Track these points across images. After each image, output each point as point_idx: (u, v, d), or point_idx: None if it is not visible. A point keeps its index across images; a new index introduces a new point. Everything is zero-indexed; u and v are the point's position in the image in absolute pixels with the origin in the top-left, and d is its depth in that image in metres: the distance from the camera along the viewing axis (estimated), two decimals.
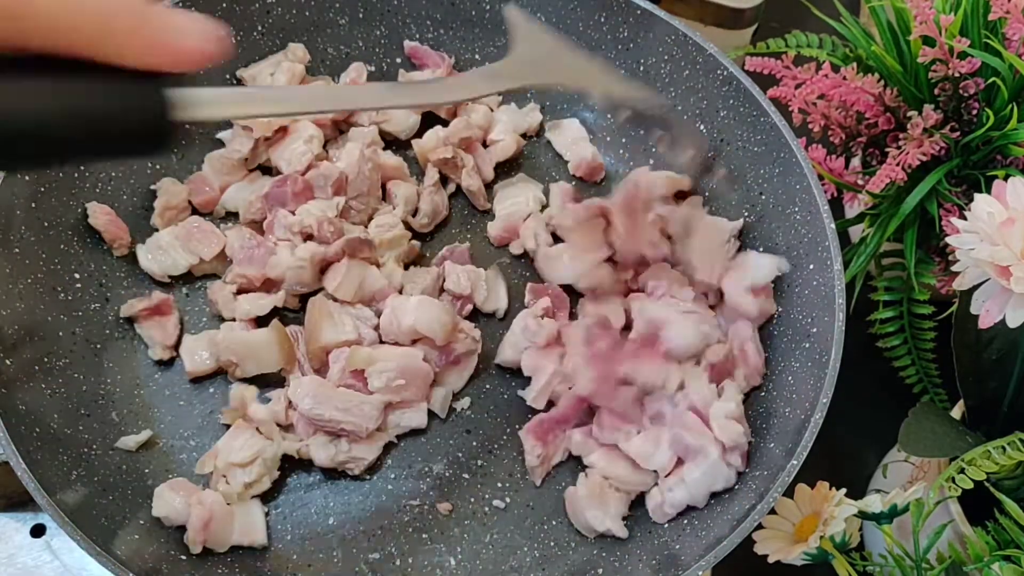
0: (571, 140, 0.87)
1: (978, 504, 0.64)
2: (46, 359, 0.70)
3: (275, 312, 0.75)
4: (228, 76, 0.83)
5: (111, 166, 0.77)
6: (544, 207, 0.83)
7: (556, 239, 0.80)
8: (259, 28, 0.83)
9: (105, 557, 0.59)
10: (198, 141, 0.82)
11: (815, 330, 0.70)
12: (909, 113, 0.73)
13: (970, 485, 0.58)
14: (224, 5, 0.80)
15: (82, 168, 0.75)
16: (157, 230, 0.78)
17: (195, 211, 0.80)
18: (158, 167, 0.80)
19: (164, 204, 0.78)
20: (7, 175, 0.69)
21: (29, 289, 0.70)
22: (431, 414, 0.74)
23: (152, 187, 0.79)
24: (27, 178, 0.70)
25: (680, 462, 0.69)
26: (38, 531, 0.73)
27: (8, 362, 0.66)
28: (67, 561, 0.72)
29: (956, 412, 0.71)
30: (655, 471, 0.70)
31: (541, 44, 0.68)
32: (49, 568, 0.72)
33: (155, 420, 0.72)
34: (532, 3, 0.83)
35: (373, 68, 0.86)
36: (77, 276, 0.74)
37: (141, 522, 0.67)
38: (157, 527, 0.67)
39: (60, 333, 0.71)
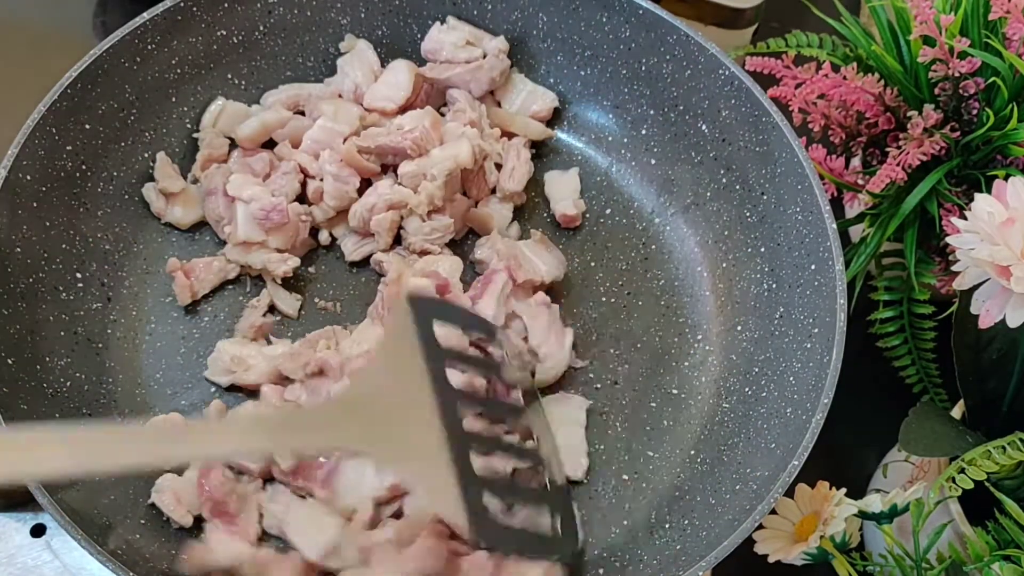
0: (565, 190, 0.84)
1: (978, 504, 0.64)
2: (47, 358, 0.70)
3: None
4: (242, 84, 0.83)
5: (116, 164, 0.77)
6: None
7: None
8: (260, 28, 0.83)
9: (105, 556, 0.59)
10: None
11: (816, 330, 0.70)
12: (909, 113, 0.73)
13: (970, 485, 0.58)
14: (225, 5, 0.80)
15: (83, 168, 0.75)
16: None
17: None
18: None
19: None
20: (10, 173, 0.69)
21: (30, 289, 0.70)
22: None
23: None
24: (28, 177, 0.70)
25: None
26: (38, 531, 0.73)
27: (9, 361, 0.66)
28: (67, 561, 0.72)
29: (956, 412, 0.71)
30: None
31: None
32: (49, 568, 0.72)
33: None
34: (533, 3, 0.83)
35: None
36: (78, 276, 0.74)
37: (142, 521, 0.67)
38: (158, 526, 0.67)
39: (61, 333, 0.71)
